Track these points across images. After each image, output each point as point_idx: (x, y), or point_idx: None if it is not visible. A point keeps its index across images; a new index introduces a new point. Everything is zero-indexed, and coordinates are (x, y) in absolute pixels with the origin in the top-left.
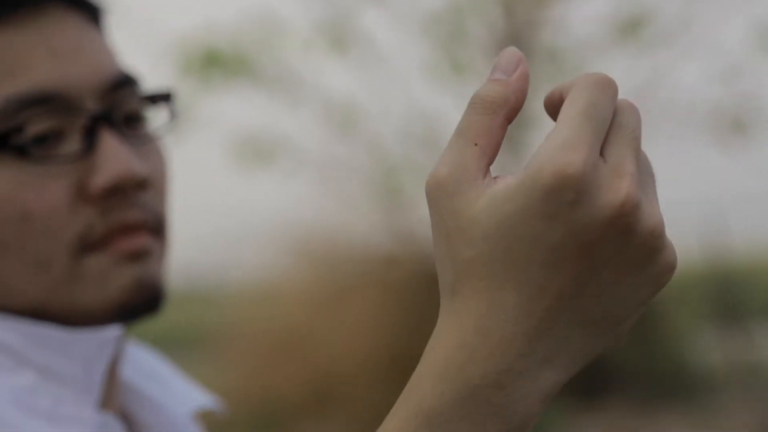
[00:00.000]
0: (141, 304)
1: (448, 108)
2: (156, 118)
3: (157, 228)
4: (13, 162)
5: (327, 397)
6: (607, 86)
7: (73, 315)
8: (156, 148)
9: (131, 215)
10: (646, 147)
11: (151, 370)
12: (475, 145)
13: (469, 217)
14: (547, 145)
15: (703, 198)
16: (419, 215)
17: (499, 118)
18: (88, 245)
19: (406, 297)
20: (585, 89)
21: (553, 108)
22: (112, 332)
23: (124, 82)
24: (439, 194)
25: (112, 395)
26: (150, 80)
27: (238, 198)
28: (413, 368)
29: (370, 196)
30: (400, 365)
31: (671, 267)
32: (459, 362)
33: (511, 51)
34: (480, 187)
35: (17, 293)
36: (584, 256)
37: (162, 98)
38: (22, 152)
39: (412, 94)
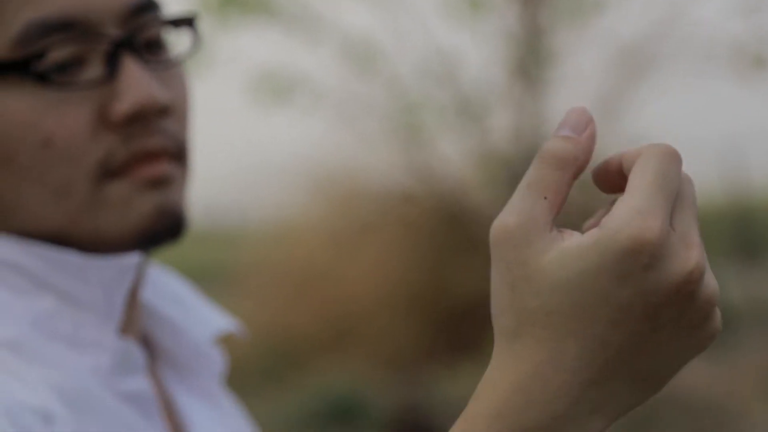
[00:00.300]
0: (162, 231)
1: (466, 45)
2: (178, 43)
3: (178, 154)
4: (34, 88)
5: (346, 334)
6: (675, 157)
7: (94, 242)
8: (178, 74)
9: (153, 142)
10: (665, 82)
11: (173, 295)
12: (545, 198)
13: (538, 268)
14: (623, 209)
15: (723, 134)
16: (437, 152)
17: (568, 175)
18: (109, 172)
19: (425, 234)
20: (655, 159)
21: (607, 175)
22: (132, 259)
23: (146, 7)
24: (506, 242)
25: (133, 320)
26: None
27: (257, 137)
28: (431, 305)
29: (389, 134)
30: (419, 302)
31: (716, 332)
32: (516, 405)
33: (581, 110)
34: (548, 239)
35: (38, 219)
36: (648, 317)
37: (184, 22)
38: (43, 78)
39: (430, 32)
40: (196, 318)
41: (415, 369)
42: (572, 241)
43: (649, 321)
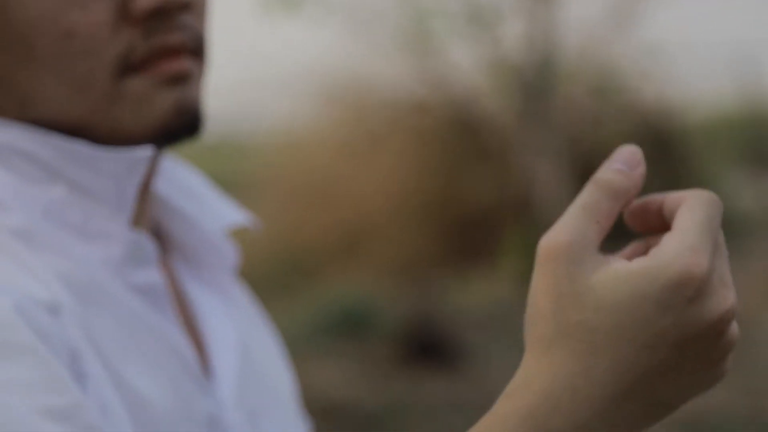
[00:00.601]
0: (181, 127)
1: None
2: None
3: (197, 50)
4: None
5: (357, 244)
6: (719, 205)
7: (111, 136)
8: None
9: (173, 38)
10: None
11: (187, 187)
12: (597, 222)
13: (586, 286)
14: (675, 244)
15: (737, 41)
16: (449, 61)
17: (619, 205)
18: (129, 66)
19: (436, 144)
20: (704, 203)
21: (645, 214)
22: (145, 151)
23: None
24: (558, 258)
25: (145, 213)
26: None
27: (267, 46)
28: (442, 214)
29: (400, 43)
30: (430, 211)
31: (725, 374)
32: (544, 410)
33: (634, 150)
34: (597, 261)
35: (56, 111)
36: (679, 347)
37: None
38: None
39: None
40: (210, 211)
41: (426, 279)
42: (622, 265)
43: (680, 351)
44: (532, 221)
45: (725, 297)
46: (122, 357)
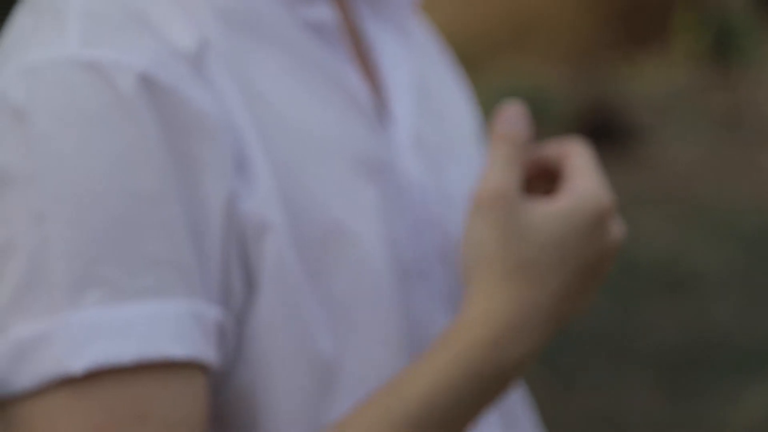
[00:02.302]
0: None
1: None
2: None
3: None
4: None
5: (525, 31)
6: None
7: None
8: None
9: None
10: None
11: None
12: (517, 171)
13: (527, 225)
14: (585, 184)
15: None
16: None
17: (524, 154)
18: None
19: None
20: (585, 149)
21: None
22: None
23: None
24: (498, 203)
25: None
26: None
27: None
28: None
29: None
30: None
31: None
32: (509, 338)
33: (517, 107)
34: (527, 203)
35: None
36: (596, 267)
37: None
38: None
39: None
40: None
41: (597, 64)
42: (549, 206)
43: (596, 270)
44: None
45: (620, 224)
46: (284, 94)
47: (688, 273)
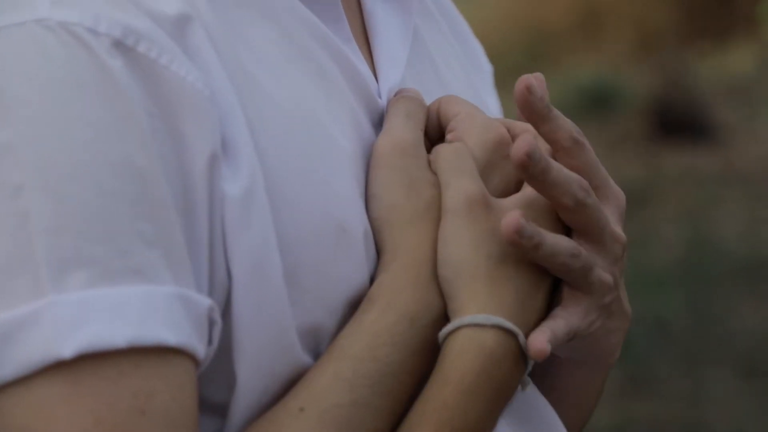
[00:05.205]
0: None
1: None
2: None
3: None
4: None
5: (598, 21)
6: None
7: None
8: None
9: None
10: None
11: None
12: (420, 125)
13: (429, 169)
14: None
15: None
16: None
17: (425, 109)
18: None
19: None
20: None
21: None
22: None
23: None
24: (404, 153)
25: None
26: None
27: None
28: None
29: None
30: None
31: None
32: (424, 276)
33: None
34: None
35: None
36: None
37: None
38: None
39: None
40: None
41: (670, 54)
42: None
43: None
44: None
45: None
46: (275, 75)
47: None
